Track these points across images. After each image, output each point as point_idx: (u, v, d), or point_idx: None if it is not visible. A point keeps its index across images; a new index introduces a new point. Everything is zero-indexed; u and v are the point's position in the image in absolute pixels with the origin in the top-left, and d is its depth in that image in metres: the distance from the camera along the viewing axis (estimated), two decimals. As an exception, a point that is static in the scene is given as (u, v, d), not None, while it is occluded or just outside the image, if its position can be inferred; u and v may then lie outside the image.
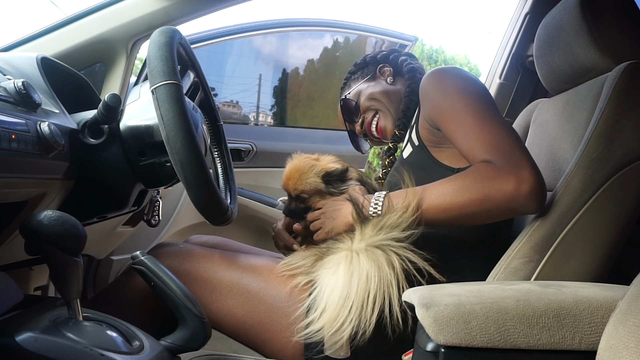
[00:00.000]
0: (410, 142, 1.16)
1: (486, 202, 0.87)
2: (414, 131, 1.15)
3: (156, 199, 1.26)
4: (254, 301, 0.99)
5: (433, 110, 1.02)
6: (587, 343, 0.64)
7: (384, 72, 1.35)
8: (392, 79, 1.34)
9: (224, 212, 1.01)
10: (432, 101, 1.03)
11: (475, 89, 1.00)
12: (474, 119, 0.94)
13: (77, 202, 0.94)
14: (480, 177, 0.88)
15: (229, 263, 1.04)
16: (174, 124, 0.87)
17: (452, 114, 0.97)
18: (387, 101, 1.30)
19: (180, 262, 1.03)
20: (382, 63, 1.36)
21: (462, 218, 0.91)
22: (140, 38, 1.39)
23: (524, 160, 0.87)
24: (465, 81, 1.01)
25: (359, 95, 1.34)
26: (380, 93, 1.31)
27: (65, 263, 0.65)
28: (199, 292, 0.99)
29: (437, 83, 1.03)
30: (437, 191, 0.91)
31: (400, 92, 1.31)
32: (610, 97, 0.91)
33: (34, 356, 0.58)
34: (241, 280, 1.01)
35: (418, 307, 0.67)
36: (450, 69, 1.07)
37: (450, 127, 0.98)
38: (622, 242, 0.92)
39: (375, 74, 1.36)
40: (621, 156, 0.89)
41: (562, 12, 1.08)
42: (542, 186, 0.86)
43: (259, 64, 2.50)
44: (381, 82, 1.34)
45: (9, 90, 0.75)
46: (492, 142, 0.90)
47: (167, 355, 0.73)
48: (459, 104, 0.97)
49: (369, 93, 1.32)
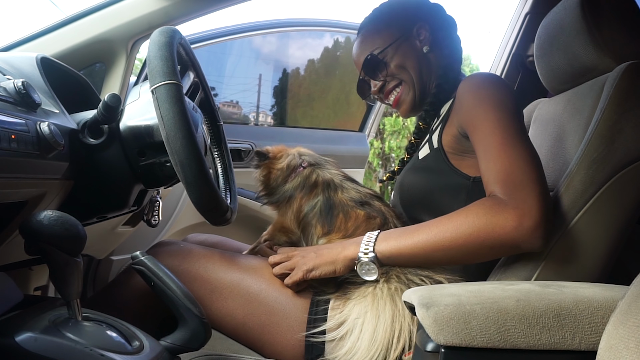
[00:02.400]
0: (429, 143, 1.10)
1: (488, 239, 0.83)
2: (436, 133, 1.08)
3: (156, 199, 1.26)
4: (254, 303, 0.98)
5: (465, 117, 0.98)
6: (587, 343, 0.64)
7: (420, 34, 1.16)
8: (429, 49, 1.16)
9: (224, 212, 1.01)
10: (467, 107, 0.98)
11: (511, 104, 0.95)
12: (501, 138, 0.89)
13: (77, 202, 0.94)
14: (483, 212, 0.84)
15: (229, 263, 1.03)
16: (174, 124, 0.87)
17: (483, 125, 0.92)
18: (415, 75, 1.16)
19: (180, 261, 1.02)
20: (421, 21, 1.16)
21: (462, 256, 0.87)
22: (140, 38, 1.39)
23: (533, 194, 0.82)
24: (503, 93, 0.96)
25: (387, 57, 1.16)
26: (412, 65, 1.15)
27: (65, 263, 0.65)
28: (199, 292, 0.98)
29: (476, 90, 0.98)
30: (437, 228, 0.87)
31: (432, 71, 1.17)
32: (611, 97, 0.91)
33: (34, 356, 0.58)
34: (242, 282, 1.00)
35: (418, 307, 0.67)
36: (491, 76, 1.01)
37: (477, 138, 0.93)
38: (622, 242, 0.92)
39: (412, 33, 1.16)
40: (622, 156, 0.89)
41: (562, 12, 1.08)
42: (548, 222, 0.83)
43: (259, 64, 2.50)
44: (415, 47, 1.16)
45: (8, 90, 0.75)
46: (508, 170, 0.86)
47: (167, 355, 0.73)
48: (491, 116, 0.92)
49: (400, 61, 1.15)
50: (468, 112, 0.96)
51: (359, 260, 0.92)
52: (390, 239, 0.91)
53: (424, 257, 0.89)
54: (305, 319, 0.95)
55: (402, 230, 0.93)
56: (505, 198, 0.83)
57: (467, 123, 0.97)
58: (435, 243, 0.86)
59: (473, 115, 0.95)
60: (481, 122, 0.93)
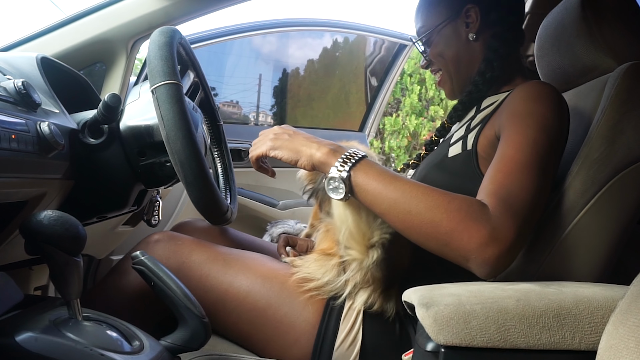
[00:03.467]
0: (463, 142, 0.99)
1: (450, 236, 0.75)
2: (473, 132, 0.98)
3: (156, 199, 1.26)
4: (262, 319, 0.93)
5: (505, 122, 0.90)
6: (587, 343, 0.64)
7: (469, 16, 1.04)
8: (475, 36, 1.04)
9: (223, 212, 1.01)
10: (511, 114, 0.90)
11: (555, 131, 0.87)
12: (524, 159, 0.82)
13: (77, 202, 0.94)
14: (466, 210, 0.76)
15: (239, 268, 0.97)
16: (174, 124, 0.87)
17: (516, 138, 0.85)
18: (453, 67, 1.07)
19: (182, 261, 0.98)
20: (470, 3, 1.03)
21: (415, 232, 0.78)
22: (140, 38, 1.39)
23: (516, 227, 0.75)
24: (553, 117, 0.87)
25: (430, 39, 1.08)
26: (451, 56, 1.06)
27: (65, 263, 0.65)
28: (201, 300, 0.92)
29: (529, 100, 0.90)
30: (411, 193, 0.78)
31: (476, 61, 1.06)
32: (612, 97, 0.91)
33: (34, 356, 0.58)
34: (250, 294, 0.94)
35: (418, 307, 0.67)
36: (551, 92, 0.92)
37: (503, 146, 0.86)
38: (622, 242, 0.92)
39: (461, 12, 1.04)
40: (623, 157, 0.89)
41: (563, 12, 1.08)
42: (507, 260, 0.75)
43: (259, 64, 2.50)
44: (459, 33, 1.05)
45: (9, 90, 0.75)
46: (511, 191, 0.78)
47: (167, 355, 0.73)
48: (530, 134, 0.84)
49: (440, 49, 1.07)
50: (510, 119, 0.89)
51: (330, 173, 0.82)
52: (370, 172, 0.81)
53: (385, 210, 0.79)
54: (315, 332, 0.92)
55: (384, 171, 0.82)
56: (493, 213, 0.76)
57: (503, 128, 0.89)
58: (405, 203, 0.78)
59: (513, 123, 0.88)
60: (516, 133, 0.86)
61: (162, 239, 1.01)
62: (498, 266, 0.74)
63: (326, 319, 0.93)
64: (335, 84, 2.69)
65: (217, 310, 0.95)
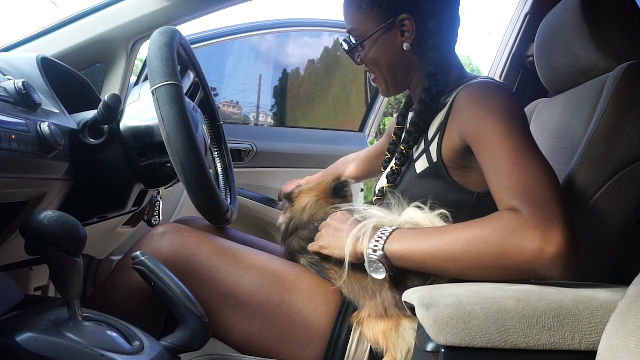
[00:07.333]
0: (427, 156, 0.97)
1: (503, 258, 0.73)
2: (434, 143, 0.96)
3: (156, 199, 1.26)
4: (276, 313, 0.91)
5: (468, 130, 0.87)
6: (587, 343, 0.64)
7: (404, 25, 0.99)
8: (410, 46, 1.00)
9: (224, 212, 1.01)
10: (469, 119, 0.87)
11: (518, 114, 0.85)
12: (513, 151, 0.80)
13: (77, 202, 0.94)
14: (500, 227, 0.74)
15: (250, 263, 0.94)
16: (174, 124, 0.87)
17: (490, 138, 0.83)
18: (388, 73, 1.04)
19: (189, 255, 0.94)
20: (404, 12, 0.98)
21: (472, 271, 0.77)
22: (140, 38, 1.39)
23: (556, 215, 0.72)
24: (508, 102, 0.86)
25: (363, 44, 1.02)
26: (386, 63, 1.02)
27: (65, 263, 0.65)
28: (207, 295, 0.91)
29: (479, 99, 0.87)
30: (450, 236, 0.77)
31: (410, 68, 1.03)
32: (611, 97, 0.91)
33: (34, 356, 0.58)
34: (262, 288, 0.91)
35: (418, 307, 0.67)
36: (494, 84, 0.90)
37: (484, 153, 0.83)
38: (622, 242, 0.92)
39: (395, 22, 0.99)
40: (622, 156, 0.89)
41: (562, 12, 1.08)
42: (573, 249, 0.71)
43: (259, 64, 2.50)
44: (395, 42, 1.00)
45: (9, 90, 0.75)
46: (525, 185, 0.76)
47: (167, 355, 0.73)
48: (499, 128, 0.82)
49: (374, 56, 1.02)
50: (472, 125, 0.87)
51: (368, 258, 0.83)
52: (403, 238, 0.81)
53: (434, 266, 0.79)
54: (328, 333, 0.90)
55: (417, 231, 0.82)
56: (525, 214, 0.73)
57: (472, 137, 0.87)
58: (447, 252, 0.77)
59: (478, 128, 0.85)
60: (488, 135, 0.83)
61: (168, 231, 0.96)
62: (566, 258, 0.71)
63: (340, 321, 0.91)
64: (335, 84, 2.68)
65: (228, 304, 0.91)
